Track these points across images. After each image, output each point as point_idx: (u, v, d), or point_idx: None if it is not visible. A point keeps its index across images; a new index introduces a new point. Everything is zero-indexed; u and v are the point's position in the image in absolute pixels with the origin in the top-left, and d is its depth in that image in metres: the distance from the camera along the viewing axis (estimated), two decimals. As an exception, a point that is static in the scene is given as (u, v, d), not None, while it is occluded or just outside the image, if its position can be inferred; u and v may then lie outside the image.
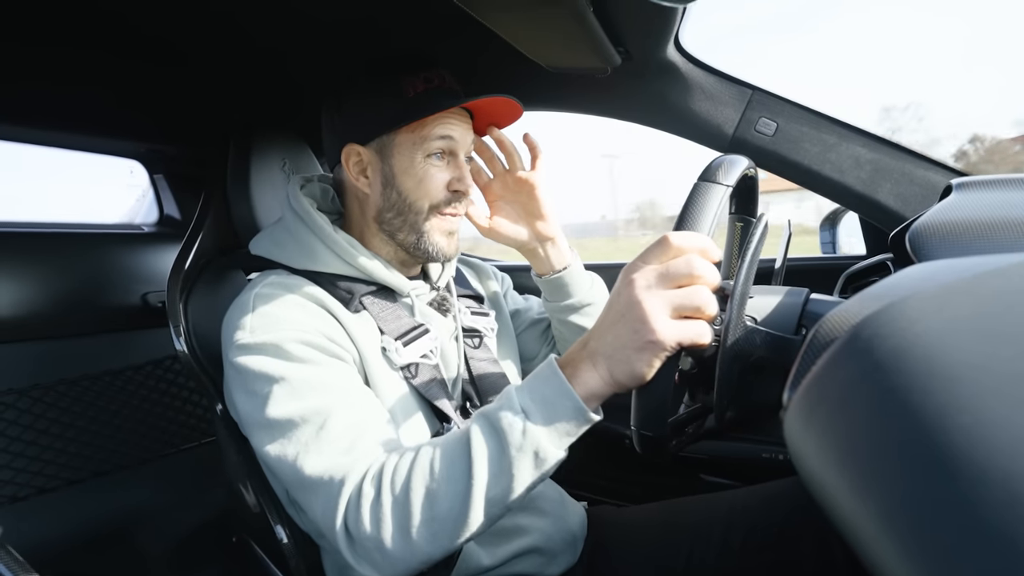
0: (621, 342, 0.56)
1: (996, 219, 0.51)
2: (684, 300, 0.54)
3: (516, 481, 0.60)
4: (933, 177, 1.01)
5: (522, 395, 0.62)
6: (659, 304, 0.54)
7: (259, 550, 0.95)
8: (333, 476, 0.66)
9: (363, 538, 0.64)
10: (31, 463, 1.15)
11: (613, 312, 0.58)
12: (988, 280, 0.34)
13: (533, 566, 0.86)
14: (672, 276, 0.55)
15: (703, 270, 0.54)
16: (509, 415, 0.61)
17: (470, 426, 0.64)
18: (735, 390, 0.62)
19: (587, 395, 0.60)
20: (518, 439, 0.60)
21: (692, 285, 0.55)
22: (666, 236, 0.56)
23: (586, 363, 0.60)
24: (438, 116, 0.81)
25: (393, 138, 0.82)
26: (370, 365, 0.78)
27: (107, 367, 1.27)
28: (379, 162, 0.83)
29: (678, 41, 1.02)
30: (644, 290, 0.55)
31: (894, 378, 0.30)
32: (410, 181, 0.82)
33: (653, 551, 0.92)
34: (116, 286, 1.30)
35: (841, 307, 0.38)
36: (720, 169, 0.58)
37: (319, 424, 0.69)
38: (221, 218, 0.99)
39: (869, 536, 0.29)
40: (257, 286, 0.79)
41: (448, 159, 0.84)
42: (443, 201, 0.84)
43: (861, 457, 0.30)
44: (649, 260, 0.56)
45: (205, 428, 1.42)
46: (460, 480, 0.61)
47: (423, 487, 0.63)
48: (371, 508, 0.64)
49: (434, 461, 0.64)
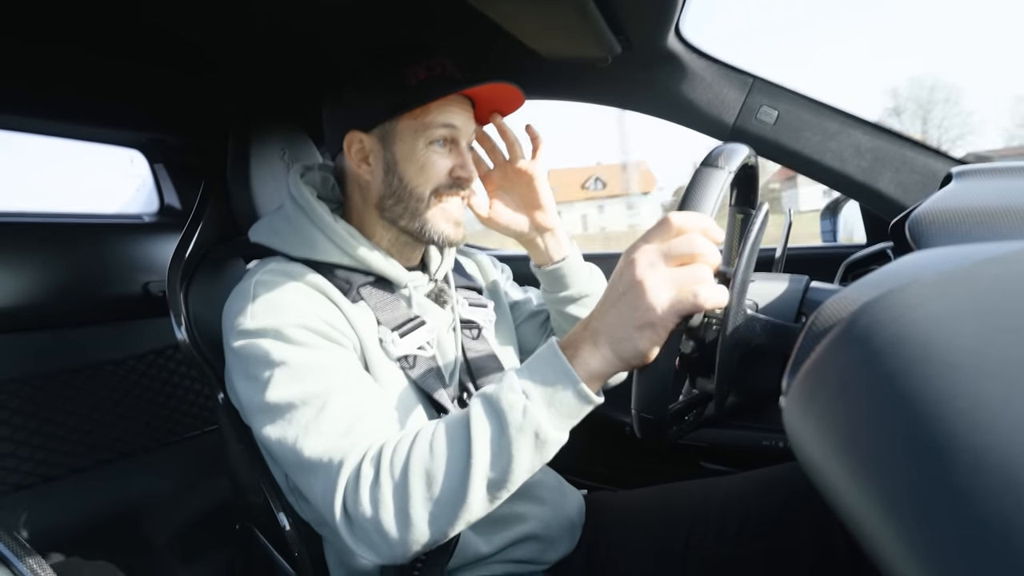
0: (623, 320, 0.57)
1: (995, 207, 0.52)
2: (685, 276, 0.55)
3: (516, 463, 0.61)
4: (933, 165, 1.01)
5: (523, 376, 0.62)
6: (661, 282, 0.55)
7: (263, 538, 0.96)
8: (332, 458, 0.67)
9: (362, 519, 0.64)
10: (35, 451, 1.16)
11: (615, 291, 0.58)
12: (987, 267, 0.35)
13: (531, 553, 0.87)
14: (674, 254, 0.55)
15: (704, 248, 0.55)
16: (510, 395, 0.61)
17: (470, 407, 0.64)
18: (735, 377, 0.63)
19: (589, 376, 0.60)
20: (518, 419, 0.60)
21: (693, 263, 0.55)
22: (668, 216, 0.56)
23: (587, 343, 0.60)
24: (440, 104, 0.81)
25: (395, 125, 0.82)
26: (369, 354, 0.79)
27: (109, 356, 1.27)
28: (381, 149, 0.83)
29: (679, 30, 1.02)
30: (647, 268, 0.56)
31: (892, 364, 0.30)
32: (412, 168, 0.82)
33: (651, 536, 0.92)
34: (117, 276, 1.30)
35: (840, 294, 0.38)
36: (722, 156, 0.59)
37: (319, 406, 0.69)
38: (221, 207, 0.99)
39: (869, 521, 0.29)
40: (257, 273, 0.80)
41: (450, 146, 0.84)
42: (444, 187, 0.84)
43: (860, 442, 0.30)
44: (651, 240, 0.57)
45: (207, 417, 1.43)
46: (459, 460, 0.62)
47: (422, 468, 0.63)
48: (370, 489, 0.64)
49: (434, 442, 0.64)
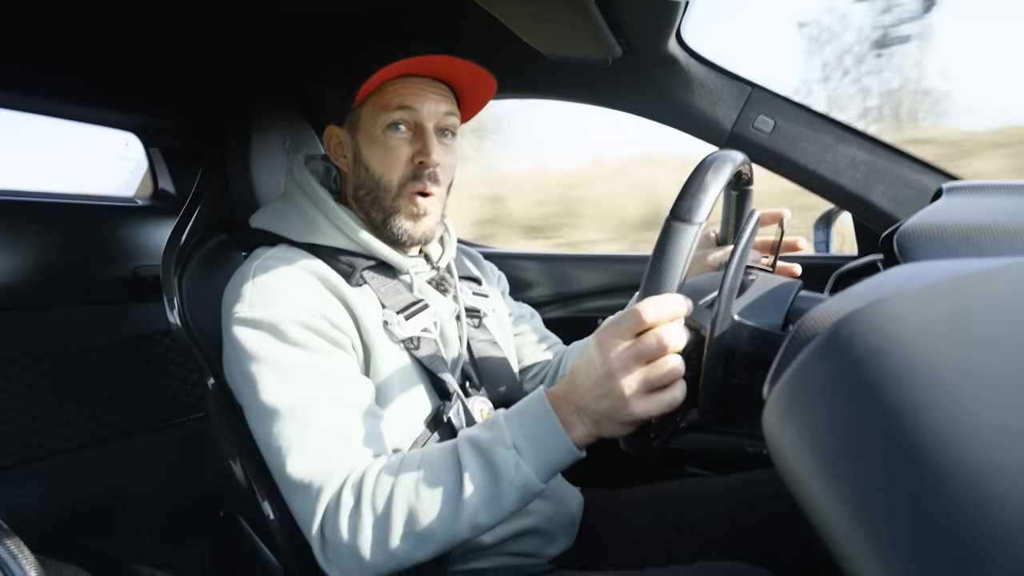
0: (605, 414, 0.61)
1: (983, 224, 0.52)
2: (658, 375, 0.59)
3: (503, 510, 0.66)
4: (927, 180, 1.02)
5: (513, 429, 0.66)
6: (638, 386, 0.59)
7: (247, 525, 0.95)
8: (313, 481, 0.68)
9: (339, 544, 0.67)
10: (17, 432, 1.15)
11: (593, 381, 0.62)
12: (969, 283, 0.35)
13: (532, 546, 0.87)
14: (646, 355, 0.59)
15: (676, 342, 0.58)
16: (502, 450, 0.65)
17: (458, 452, 0.67)
18: (721, 384, 0.63)
19: (575, 440, 0.65)
20: (511, 474, 0.64)
21: (665, 357, 0.59)
22: (637, 310, 0.58)
23: (573, 416, 0.64)
24: (397, 85, 0.80)
25: (359, 113, 0.83)
26: (372, 339, 0.79)
27: (96, 339, 1.27)
28: (351, 140, 0.84)
29: (680, 34, 1.02)
30: (622, 372, 0.59)
31: (871, 374, 0.30)
32: (374, 155, 0.82)
33: (643, 533, 0.94)
34: (108, 258, 1.29)
35: (824, 304, 0.38)
36: (691, 208, 0.58)
37: (304, 420, 0.70)
38: (219, 193, 0.99)
39: (838, 527, 0.29)
40: (259, 258, 0.80)
41: (413, 132, 0.82)
42: (409, 176, 0.82)
43: (834, 450, 0.31)
44: (623, 335, 0.60)
45: (194, 404, 1.42)
46: (448, 503, 0.65)
47: (406, 504, 0.66)
48: (349, 518, 0.66)
49: (420, 481, 0.66)
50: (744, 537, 0.87)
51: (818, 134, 1.05)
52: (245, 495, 0.87)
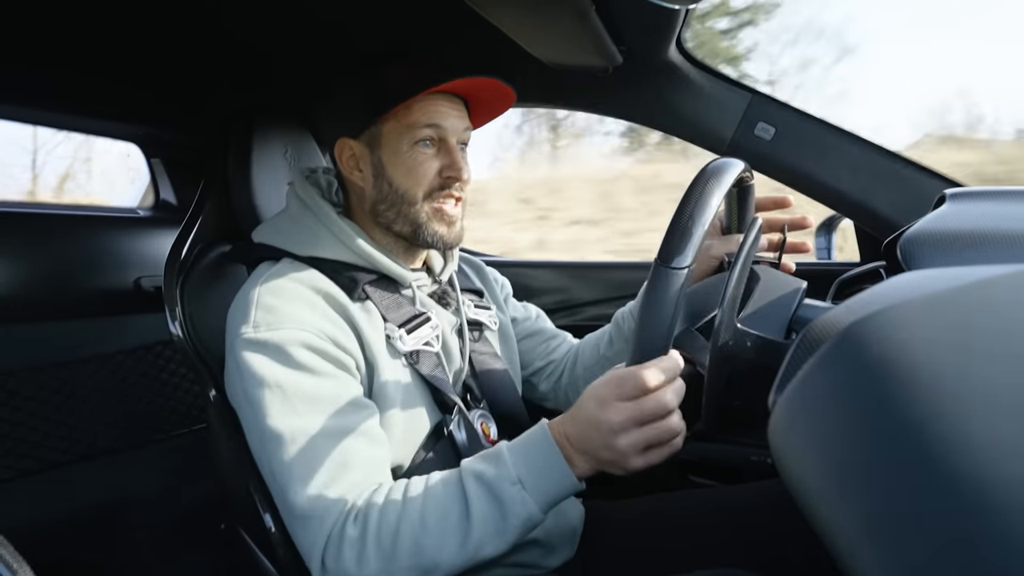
0: (607, 462, 0.65)
1: (986, 230, 0.52)
2: (658, 435, 0.62)
3: (507, 543, 0.67)
4: (928, 186, 1.02)
5: (517, 463, 0.67)
6: (634, 444, 0.62)
7: (248, 538, 0.95)
8: (314, 511, 0.69)
9: (342, 573, 0.67)
10: (17, 445, 1.14)
11: (595, 435, 0.64)
12: (973, 291, 0.35)
13: (532, 558, 0.87)
14: (646, 418, 0.61)
15: (673, 403, 0.61)
16: (508, 487, 0.66)
17: (463, 485, 0.68)
18: (724, 393, 0.63)
19: (577, 474, 0.67)
20: (518, 509, 0.66)
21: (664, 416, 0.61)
22: (640, 377, 0.60)
23: (576, 455, 0.66)
24: (424, 103, 0.81)
25: (380, 129, 0.82)
26: (375, 355, 0.79)
27: (97, 350, 1.26)
28: (369, 155, 0.84)
29: (680, 42, 1.02)
30: (622, 433, 0.62)
31: (877, 385, 0.30)
32: (400, 171, 0.82)
33: (646, 544, 0.93)
34: (109, 270, 1.29)
35: (829, 313, 0.38)
36: (678, 254, 0.58)
37: (308, 448, 0.70)
38: (221, 204, 0.99)
39: (844, 537, 0.29)
40: (262, 276, 0.80)
41: (438, 146, 0.83)
42: (436, 188, 0.83)
43: (840, 460, 0.30)
44: (624, 397, 0.61)
45: (195, 416, 1.42)
46: (454, 536, 0.66)
47: (412, 537, 0.66)
48: (354, 549, 0.67)
49: (425, 514, 0.67)
50: (749, 547, 0.86)
51: (819, 140, 1.05)
52: (246, 507, 0.87)
